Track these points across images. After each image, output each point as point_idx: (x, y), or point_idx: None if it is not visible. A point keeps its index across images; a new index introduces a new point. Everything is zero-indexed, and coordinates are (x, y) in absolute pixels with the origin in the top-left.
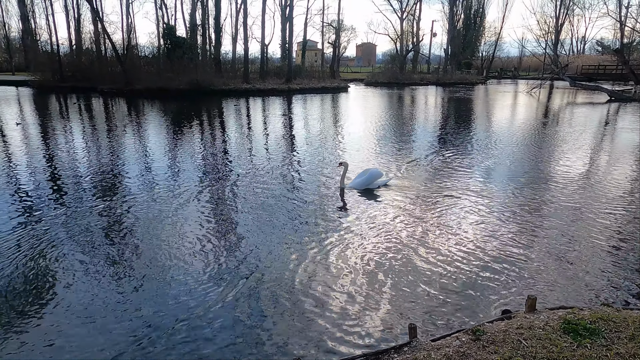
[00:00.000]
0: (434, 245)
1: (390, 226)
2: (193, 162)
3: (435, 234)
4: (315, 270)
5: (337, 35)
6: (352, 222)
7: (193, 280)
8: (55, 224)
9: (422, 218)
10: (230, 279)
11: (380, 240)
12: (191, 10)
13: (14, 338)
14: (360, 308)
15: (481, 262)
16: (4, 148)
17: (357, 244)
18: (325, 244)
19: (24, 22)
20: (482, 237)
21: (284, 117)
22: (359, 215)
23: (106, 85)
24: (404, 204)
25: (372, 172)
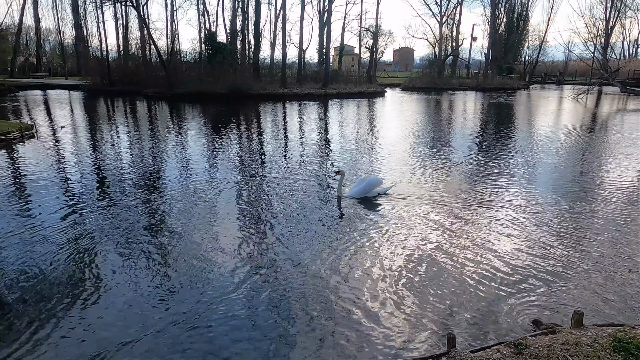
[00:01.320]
0: (470, 256)
1: (425, 235)
2: (229, 162)
3: (471, 244)
4: (348, 275)
5: (375, 40)
6: (384, 228)
7: (223, 269)
8: (100, 216)
9: (457, 227)
10: (257, 272)
11: (414, 249)
12: (232, 16)
13: (65, 318)
14: (394, 316)
15: (520, 274)
16: (54, 147)
17: (390, 251)
18: (357, 249)
19: (77, 30)
20: (520, 249)
21: (320, 121)
22: (390, 221)
23: (150, 89)
24: (438, 212)
25: (370, 180)
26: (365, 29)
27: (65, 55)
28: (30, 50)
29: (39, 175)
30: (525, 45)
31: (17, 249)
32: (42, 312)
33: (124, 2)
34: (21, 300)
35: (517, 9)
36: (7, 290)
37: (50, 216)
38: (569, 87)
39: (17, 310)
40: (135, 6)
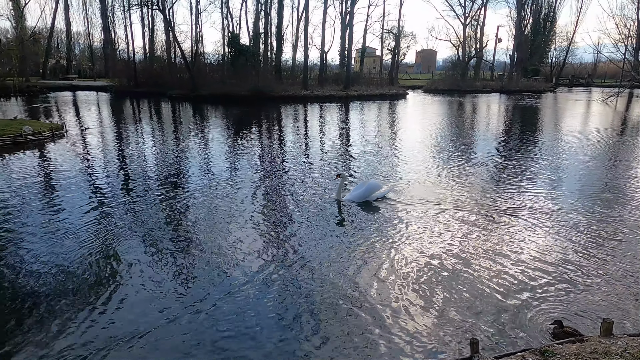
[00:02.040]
0: (492, 261)
1: (446, 240)
2: (249, 162)
3: (492, 250)
4: (369, 277)
5: (397, 41)
6: (405, 234)
7: (238, 263)
8: (124, 212)
9: (478, 232)
10: (274, 266)
11: (435, 254)
12: (255, 19)
13: (90, 305)
14: (417, 320)
15: (543, 280)
16: (83, 147)
17: (412, 256)
18: (379, 252)
19: (105, 33)
20: (544, 255)
21: (341, 123)
22: (411, 226)
23: (175, 90)
24: (459, 217)
25: (370, 185)
26: (387, 30)
27: (94, 57)
28: (61, 53)
29: (67, 173)
30: (552, 46)
31: (47, 241)
32: (69, 299)
33: (151, 5)
34: (51, 289)
35: (544, 10)
36: (38, 280)
37: (77, 211)
38: (597, 89)
39: (48, 297)
40: (161, 9)
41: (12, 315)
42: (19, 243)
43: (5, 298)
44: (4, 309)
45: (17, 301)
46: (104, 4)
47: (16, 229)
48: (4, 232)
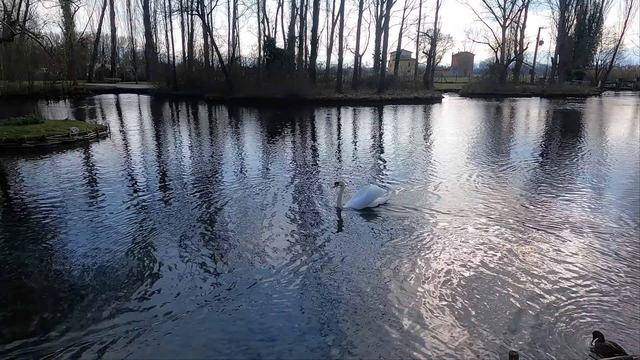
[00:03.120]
0: (528, 274)
1: (480, 251)
2: (281, 163)
3: (530, 262)
4: (398, 287)
5: (433, 44)
6: (439, 244)
7: (265, 258)
8: (161, 208)
9: (515, 244)
10: (303, 264)
11: (470, 265)
12: (290, 23)
13: (130, 290)
14: (452, 331)
15: (582, 295)
16: (124, 146)
17: (442, 266)
18: (407, 261)
19: (147, 38)
20: (583, 270)
21: (373, 126)
22: (445, 237)
23: (211, 93)
24: (493, 229)
25: (371, 191)
26: (423, 33)
27: (136, 61)
28: (106, 57)
29: (109, 171)
30: (597, 48)
31: (90, 234)
32: (111, 287)
33: (191, 11)
34: (94, 277)
35: (589, 11)
36: (82, 269)
37: (118, 207)
38: None
39: (92, 284)
40: (200, 15)
41: (60, 302)
42: (64, 235)
43: (53, 286)
44: (53, 296)
45: (64, 288)
46: (146, 10)
47: (62, 223)
48: (52, 225)
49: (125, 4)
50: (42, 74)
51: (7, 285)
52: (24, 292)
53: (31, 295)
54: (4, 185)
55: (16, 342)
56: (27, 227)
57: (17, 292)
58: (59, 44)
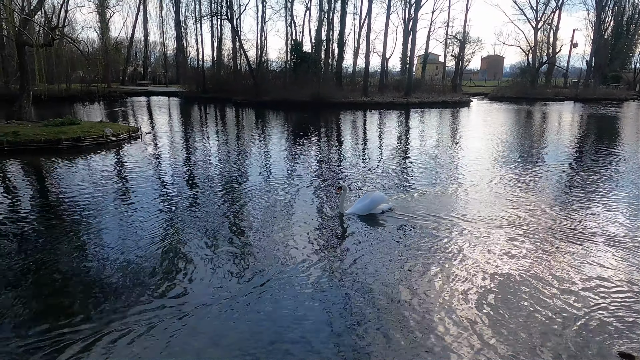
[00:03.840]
0: (554, 287)
1: (505, 263)
2: (307, 164)
3: (558, 275)
4: (421, 294)
5: (462, 47)
6: (462, 252)
7: (289, 258)
8: (188, 208)
9: (543, 254)
10: (320, 265)
11: (492, 276)
12: (317, 26)
13: (161, 283)
14: (478, 344)
15: (618, 314)
16: (155, 148)
17: (469, 276)
18: (431, 268)
19: (178, 42)
20: (615, 285)
21: (399, 129)
22: (468, 245)
23: (239, 96)
24: (520, 237)
25: (374, 197)
26: (451, 36)
27: (167, 65)
28: (138, 61)
29: (140, 171)
30: (636, 51)
31: (121, 231)
32: (142, 280)
33: (220, 15)
34: (123, 272)
35: (627, 12)
36: (112, 264)
37: (148, 205)
38: None
39: (123, 278)
40: (229, 19)
41: (91, 294)
42: (96, 232)
43: (84, 280)
44: (84, 289)
45: (94, 281)
46: (177, 15)
47: (95, 220)
48: (85, 222)
49: (158, 9)
50: (78, 77)
51: (42, 280)
52: (58, 286)
53: (64, 289)
54: (42, 183)
55: (50, 332)
56: (61, 224)
57: (51, 285)
58: (95, 49)
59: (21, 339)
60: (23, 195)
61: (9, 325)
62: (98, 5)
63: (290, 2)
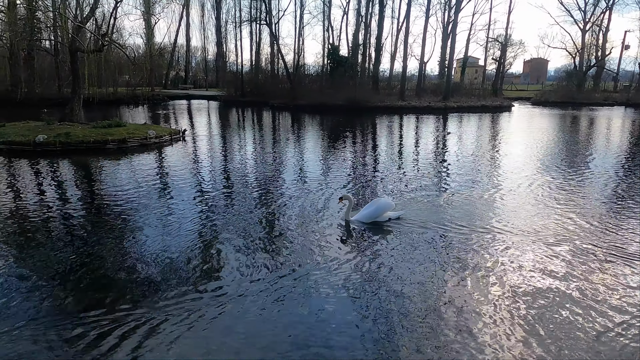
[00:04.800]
0: (600, 312)
1: (543, 279)
2: (341, 167)
3: (603, 299)
4: (457, 302)
5: (503, 50)
6: (498, 264)
7: (322, 253)
8: (224, 209)
9: (587, 272)
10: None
11: (529, 293)
12: (354, 30)
13: (198, 277)
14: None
15: None
16: (195, 150)
17: (505, 291)
18: (470, 277)
19: (218, 47)
20: None
21: (436, 134)
22: (505, 258)
23: (276, 100)
24: (564, 250)
25: (380, 204)
26: (492, 39)
27: (207, 69)
28: (180, 66)
29: (180, 172)
30: None
31: (160, 228)
32: (179, 274)
33: (259, 21)
34: (163, 266)
35: None
36: (152, 259)
37: (186, 204)
38: None
39: (162, 271)
40: (268, 24)
41: (132, 286)
42: (139, 229)
43: (127, 273)
44: (127, 282)
45: (136, 275)
46: (218, 21)
47: (137, 218)
48: (128, 220)
49: (200, 15)
50: (124, 81)
51: (89, 271)
52: (103, 277)
53: (109, 280)
54: (89, 182)
55: (96, 318)
56: (107, 220)
57: (97, 276)
58: (140, 54)
59: (70, 324)
60: (73, 193)
61: (60, 312)
62: (144, 12)
63: (328, 7)
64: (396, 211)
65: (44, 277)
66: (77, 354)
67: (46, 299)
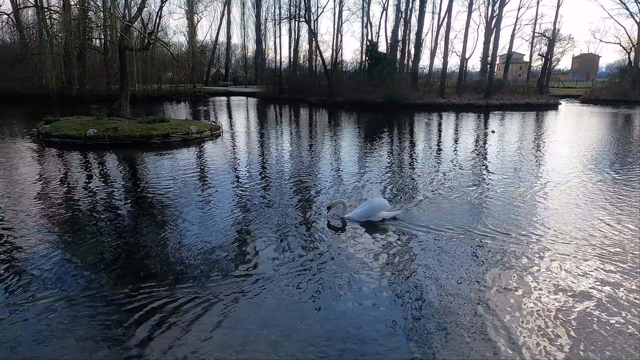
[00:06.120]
0: None
1: (588, 292)
2: (377, 165)
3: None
4: (497, 308)
5: (551, 46)
6: (541, 267)
7: (354, 250)
8: (260, 202)
9: (635, 287)
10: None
11: (572, 308)
12: (394, 26)
13: (233, 268)
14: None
15: None
16: (233, 145)
17: (545, 297)
18: (508, 282)
19: (257, 44)
20: None
21: (476, 132)
22: (547, 262)
23: (313, 97)
24: (610, 261)
25: (373, 203)
26: (539, 34)
27: (247, 66)
28: (220, 63)
29: (219, 166)
30: None
31: (198, 220)
32: (217, 265)
33: (298, 18)
34: (202, 255)
35: None
36: (192, 249)
37: (223, 198)
38: None
39: (202, 260)
40: (307, 21)
41: (173, 273)
42: (180, 220)
43: (169, 263)
44: (169, 271)
45: (177, 263)
46: (258, 19)
47: (178, 210)
48: (170, 211)
49: (240, 13)
50: (167, 78)
51: (133, 258)
52: (147, 263)
53: (151, 265)
54: (134, 175)
55: (140, 297)
56: (150, 211)
57: (141, 262)
58: (183, 52)
59: (117, 304)
60: (119, 185)
61: (106, 292)
62: (187, 11)
63: (367, 3)
64: (391, 211)
65: (91, 258)
66: (117, 331)
67: (92, 278)
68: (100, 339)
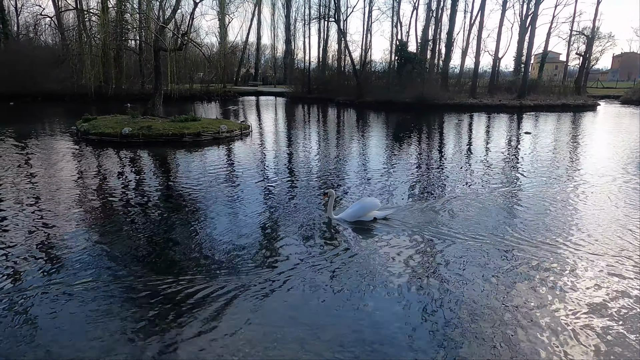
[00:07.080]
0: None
1: (620, 309)
2: (404, 166)
3: None
4: (524, 322)
5: (589, 45)
6: (569, 279)
7: (377, 251)
8: (285, 201)
9: None
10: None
11: (601, 326)
12: (424, 25)
13: (260, 261)
14: None
15: None
16: (262, 144)
17: (573, 312)
18: (536, 296)
19: (287, 45)
20: None
21: (509, 134)
22: (576, 275)
23: (342, 96)
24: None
25: (364, 203)
26: (577, 32)
27: (276, 66)
28: (250, 63)
29: (248, 165)
30: None
31: (228, 216)
32: (244, 259)
33: (328, 18)
34: (229, 250)
35: None
36: (219, 244)
37: (252, 195)
38: None
39: (228, 255)
40: (336, 21)
41: (202, 267)
42: (208, 217)
43: (197, 258)
44: (196, 263)
45: (205, 258)
46: (288, 19)
47: (207, 207)
48: (199, 208)
49: (270, 13)
50: (199, 78)
51: (164, 252)
52: (177, 257)
53: (181, 259)
54: (166, 172)
55: (170, 288)
56: (181, 207)
57: (171, 256)
58: (214, 52)
59: (147, 295)
60: (152, 181)
61: (138, 287)
62: (219, 12)
63: (398, 2)
64: (382, 211)
65: (123, 250)
66: (146, 317)
67: (125, 267)
68: (130, 328)
